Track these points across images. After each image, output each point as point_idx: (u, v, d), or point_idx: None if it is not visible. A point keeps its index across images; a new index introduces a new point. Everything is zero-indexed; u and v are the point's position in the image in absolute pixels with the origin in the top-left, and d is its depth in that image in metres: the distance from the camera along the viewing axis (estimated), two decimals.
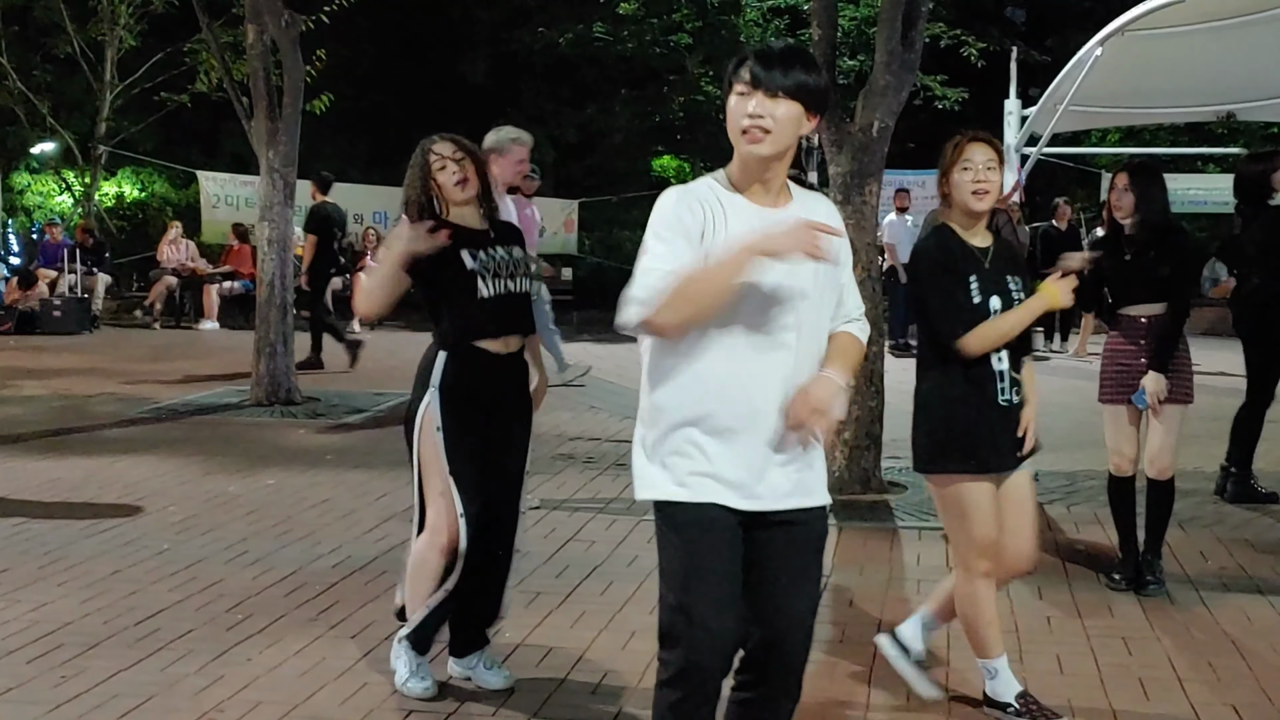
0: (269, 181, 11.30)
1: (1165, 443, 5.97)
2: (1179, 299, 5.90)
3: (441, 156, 4.68)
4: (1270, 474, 8.16)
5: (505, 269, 4.68)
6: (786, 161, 3.33)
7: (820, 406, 3.22)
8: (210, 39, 12.43)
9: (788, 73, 3.21)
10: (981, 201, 4.44)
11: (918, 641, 4.75)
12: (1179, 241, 5.97)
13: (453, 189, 4.68)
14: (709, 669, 3.23)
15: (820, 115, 3.33)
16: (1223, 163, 21.63)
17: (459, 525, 4.58)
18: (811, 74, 3.25)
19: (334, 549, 6.66)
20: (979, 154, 4.44)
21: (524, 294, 4.73)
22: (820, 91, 3.28)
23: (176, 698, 4.66)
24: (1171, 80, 11.54)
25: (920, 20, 8.04)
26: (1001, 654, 4.60)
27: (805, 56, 3.31)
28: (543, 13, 23.60)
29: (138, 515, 7.33)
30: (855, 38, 22.26)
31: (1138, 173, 6.04)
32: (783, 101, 3.21)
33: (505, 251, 4.71)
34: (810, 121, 3.28)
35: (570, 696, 4.74)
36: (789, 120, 3.23)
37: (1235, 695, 4.76)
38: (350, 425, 10.48)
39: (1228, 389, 8.12)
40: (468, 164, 4.70)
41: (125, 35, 21.66)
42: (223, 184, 21.50)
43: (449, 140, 4.74)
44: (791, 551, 3.33)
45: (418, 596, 4.71)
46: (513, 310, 4.70)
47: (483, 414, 4.64)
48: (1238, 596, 5.96)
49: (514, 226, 4.94)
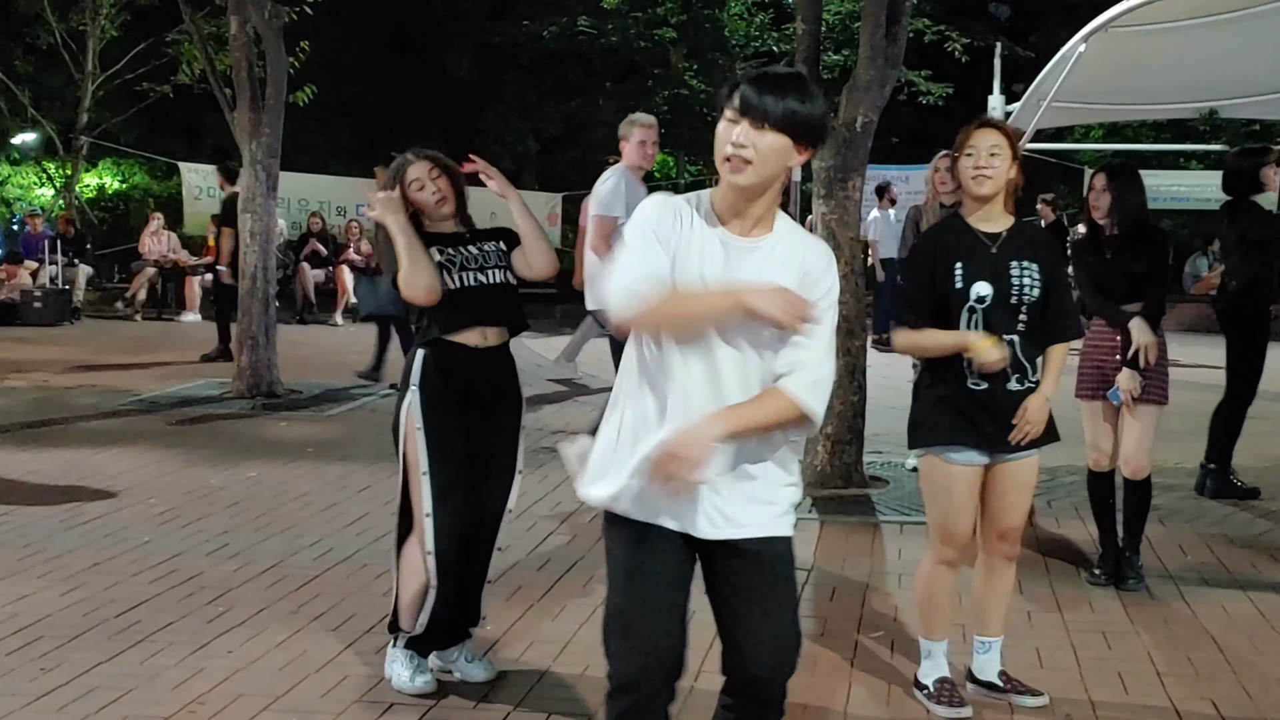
0: (252, 173, 11.27)
1: (1140, 443, 5.98)
2: (1155, 298, 5.94)
3: (419, 179, 4.68)
4: (1251, 470, 8.19)
5: (475, 262, 4.66)
6: (772, 194, 3.19)
7: (675, 453, 3.03)
8: (193, 30, 12.36)
9: (779, 100, 3.06)
10: (981, 186, 4.47)
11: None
12: (1156, 241, 6.05)
13: (433, 207, 4.69)
14: (645, 681, 3.18)
15: (814, 148, 3.18)
16: (1205, 159, 21.71)
17: (425, 525, 4.56)
18: (805, 103, 3.09)
19: (315, 541, 6.65)
20: (983, 140, 4.48)
21: (499, 285, 4.68)
22: (812, 123, 3.12)
23: (157, 690, 4.65)
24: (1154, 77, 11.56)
25: (904, 15, 8.04)
26: (942, 639, 4.68)
27: (801, 84, 3.14)
28: (526, 5, 23.56)
29: (118, 507, 7.31)
30: (840, 32, 22.26)
31: (1115, 174, 6.10)
32: (769, 133, 3.07)
33: (477, 247, 4.70)
34: (801, 154, 3.13)
35: (551, 689, 4.74)
36: (773, 152, 3.09)
37: (1214, 689, 4.79)
38: (333, 418, 10.46)
39: (1209, 384, 8.15)
40: (443, 181, 4.71)
41: (107, 26, 21.56)
42: (205, 175, 21.41)
43: (426, 159, 4.73)
44: (753, 581, 3.22)
45: (411, 602, 4.68)
46: (485, 301, 4.65)
47: (464, 411, 4.61)
48: (1217, 591, 5.99)
49: (498, 228, 4.87)
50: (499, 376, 4.70)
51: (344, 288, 18.86)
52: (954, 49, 22.91)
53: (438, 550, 4.55)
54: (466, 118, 24.75)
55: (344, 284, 18.86)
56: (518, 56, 24.16)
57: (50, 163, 22.96)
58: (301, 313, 18.78)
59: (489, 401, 4.67)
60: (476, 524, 4.66)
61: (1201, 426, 8.07)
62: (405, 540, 4.72)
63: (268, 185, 11.31)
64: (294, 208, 20.50)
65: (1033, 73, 16.10)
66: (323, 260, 19.32)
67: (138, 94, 21.84)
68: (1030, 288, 4.44)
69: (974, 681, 4.73)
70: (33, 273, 18.64)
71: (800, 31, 8.13)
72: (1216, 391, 8.11)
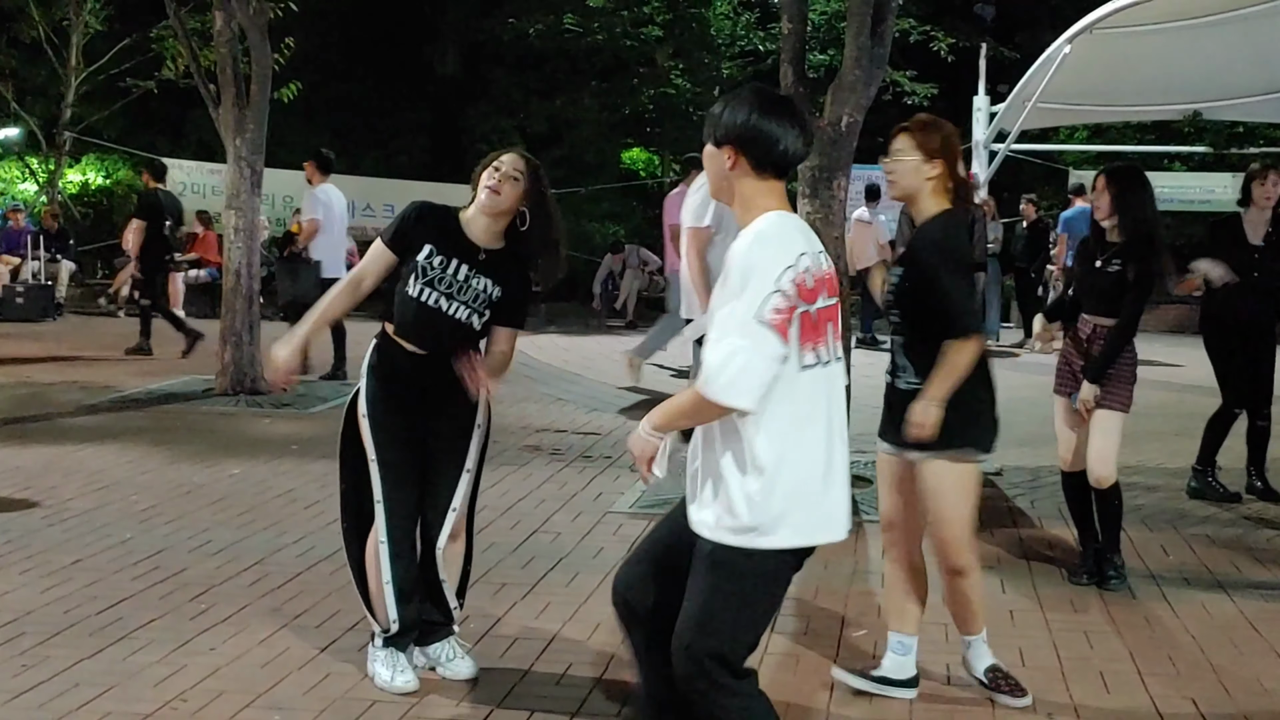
0: (236, 170, 11.23)
1: (1101, 452, 5.95)
2: (1128, 317, 5.92)
3: (498, 163, 4.56)
4: (1234, 471, 8.22)
5: (449, 288, 4.54)
6: (736, 201, 3.41)
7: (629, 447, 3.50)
8: (177, 25, 12.31)
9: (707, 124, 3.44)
10: (890, 190, 4.66)
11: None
12: (1145, 257, 5.91)
13: (485, 194, 4.54)
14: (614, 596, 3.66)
15: (728, 143, 3.36)
16: (1188, 161, 21.78)
17: (378, 511, 4.60)
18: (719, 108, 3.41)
19: (298, 539, 6.64)
20: (893, 145, 4.59)
21: (457, 322, 4.55)
22: (709, 120, 3.41)
23: (138, 687, 4.64)
24: (1138, 79, 11.65)
25: (890, 15, 8.05)
26: (894, 629, 4.75)
27: (723, 97, 3.49)
28: (513, 3, 23.54)
29: (101, 504, 7.28)
30: (825, 32, 22.28)
31: (1114, 176, 6.07)
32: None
33: (466, 277, 4.55)
34: (723, 153, 3.38)
35: (535, 686, 4.74)
36: (707, 167, 3.47)
37: (1194, 689, 4.81)
38: (316, 415, 10.44)
39: (1190, 385, 8.17)
40: (509, 185, 4.54)
41: (91, 20, 21.47)
42: (189, 171, 21.37)
43: (520, 156, 4.62)
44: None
45: (378, 597, 4.67)
46: (433, 327, 4.56)
47: (405, 405, 4.64)
48: (1198, 592, 6.01)
49: (515, 272, 4.68)
50: (437, 380, 4.59)
51: None
52: (939, 49, 22.96)
53: (390, 540, 4.59)
54: (452, 115, 24.71)
55: None
56: (503, 54, 24.13)
57: (33, 158, 22.87)
58: (285, 310, 18.71)
59: (433, 399, 4.63)
60: (423, 518, 4.70)
61: (1185, 427, 8.11)
62: (363, 537, 4.73)
63: (252, 182, 11.27)
64: (279, 204, 20.43)
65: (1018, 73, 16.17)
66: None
67: (122, 89, 21.75)
68: (890, 291, 4.60)
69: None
70: (15, 268, 18.57)
71: (786, 31, 8.13)
72: (1197, 392, 8.13)
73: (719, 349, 3.22)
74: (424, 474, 4.69)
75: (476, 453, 4.74)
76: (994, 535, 6.92)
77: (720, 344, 3.22)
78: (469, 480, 4.73)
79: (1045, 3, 23.98)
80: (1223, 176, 19.68)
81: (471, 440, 4.71)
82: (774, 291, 3.21)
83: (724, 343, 3.22)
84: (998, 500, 7.69)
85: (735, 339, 3.20)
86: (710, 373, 3.21)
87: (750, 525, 3.30)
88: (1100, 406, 5.92)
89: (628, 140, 26.28)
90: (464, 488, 4.71)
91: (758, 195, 3.38)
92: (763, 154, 3.34)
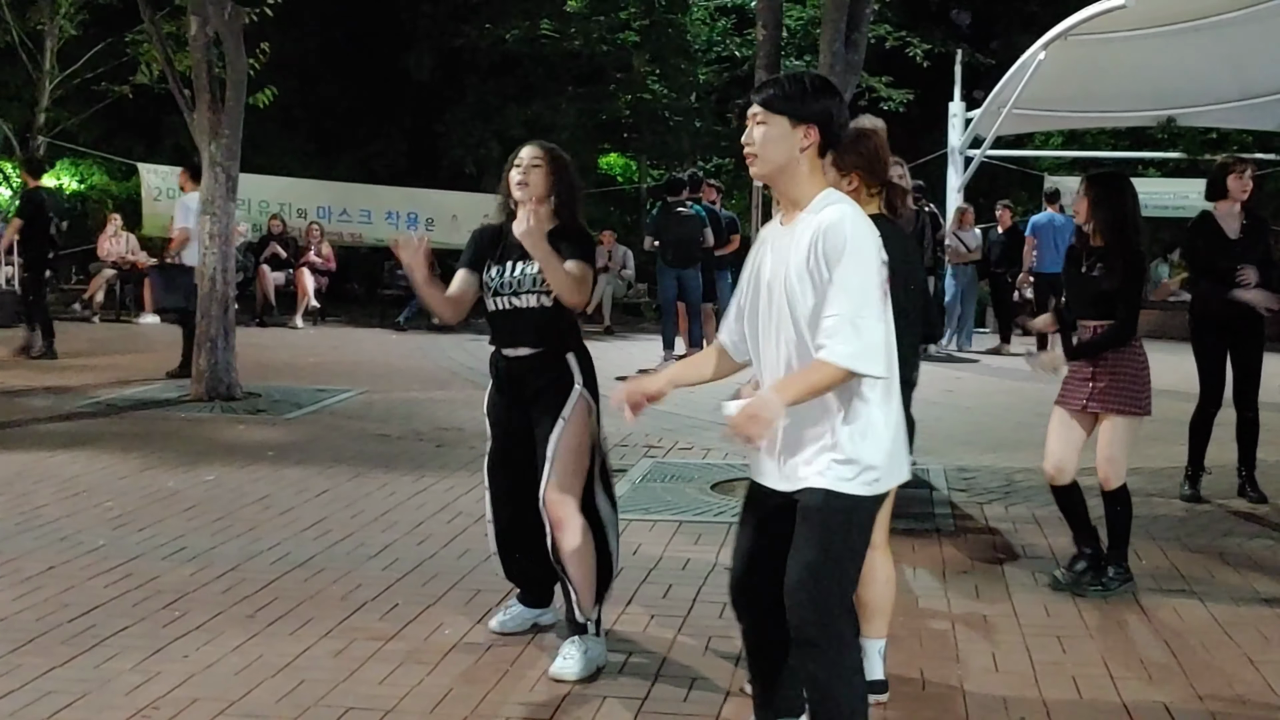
0: (211, 175, 11.19)
1: (1109, 453, 5.98)
2: (1123, 316, 5.94)
3: (518, 159, 5.02)
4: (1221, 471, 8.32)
5: (509, 288, 4.98)
6: (794, 178, 3.63)
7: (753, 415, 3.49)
8: (152, 30, 12.27)
9: (759, 92, 3.63)
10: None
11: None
12: (1128, 257, 5.97)
13: (514, 187, 4.99)
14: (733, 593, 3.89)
15: (813, 123, 3.59)
16: (1163, 167, 21.90)
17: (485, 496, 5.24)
18: (780, 87, 3.62)
19: (273, 545, 6.62)
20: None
21: (527, 309, 4.98)
22: (790, 97, 3.59)
23: (110, 695, 4.62)
24: (1113, 85, 11.71)
25: (864, 22, 8.08)
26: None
27: (788, 79, 3.67)
28: (489, 8, 23.51)
29: (74, 510, 7.25)
30: (801, 38, 22.31)
31: (1094, 182, 6.11)
32: (757, 125, 3.61)
33: (524, 265, 4.95)
34: (800, 130, 3.58)
35: None
36: (768, 140, 3.60)
37: (1166, 692, 4.83)
38: (291, 421, 10.41)
39: (1165, 390, 8.22)
40: (533, 173, 4.97)
41: (65, 25, 21.34)
42: (164, 176, 21.24)
43: (536, 145, 5.09)
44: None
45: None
46: (510, 326, 5.03)
47: (505, 405, 5.11)
48: (1170, 596, 6.03)
49: (571, 238, 5.00)
50: (535, 378, 5.00)
51: (304, 290, 18.81)
52: (915, 55, 23.02)
53: (494, 518, 5.20)
54: (428, 120, 24.68)
55: (304, 286, 18.81)
56: (479, 59, 24.10)
57: (7, 163, 22.75)
58: (261, 315, 18.71)
59: (528, 399, 5.02)
60: (522, 506, 5.06)
61: (1162, 432, 8.15)
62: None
63: (227, 187, 11.24)
64: (254, 209, 20.37)
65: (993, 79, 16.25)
66: (283, 263, 19.25)
67: (96, 94, 21.62)
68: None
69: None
70: None
71: (761, 37, 8.17)
72: (1174, 397, 8.18)
73: (850, 321, 3.45)
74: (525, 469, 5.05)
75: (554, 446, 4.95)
76: (967, 540, 6.94)
77: (848, 316, 3.45)
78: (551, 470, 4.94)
79: (1021, 9, 24.11)
80: (1197, 183, 19.64)
81: (552, 436, 4.95)
82: (882, 261, 3.55)
83: (853, 315, 3.45)
84: (971, 505, 7.72)
85: (861, 309, 3.45)
86: (846, 345, 3.44)
87: (868, 467, 3.57)
88: (1116, 413, 5.94)
89: (605, 145, 26.28)
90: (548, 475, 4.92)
91: (816, 172, 3.67)
92: (834, 136, 3.66)
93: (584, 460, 4.98)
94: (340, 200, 21.52)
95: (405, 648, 5.16)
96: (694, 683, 4.83)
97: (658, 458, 9.02)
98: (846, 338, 3.43)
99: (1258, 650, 5.31)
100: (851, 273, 3.46)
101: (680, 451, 9.30)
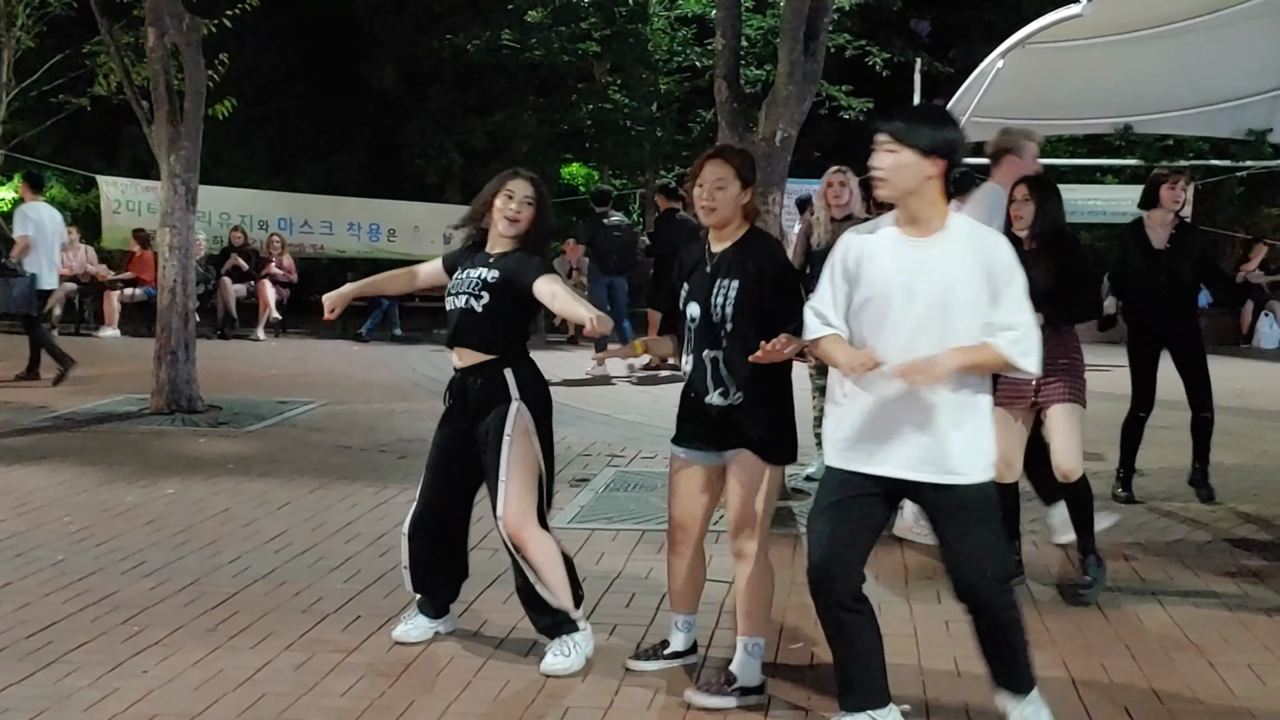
0: (170, 187, 11.13)
1: (1063, 446, 6.07)
2: (1061, 304, 5.99)
3: (513, 194, 5.07)
4: (1149, 474, 8.39)
5: (460, 286, 5.08)
6: (921, 200, 4.08)
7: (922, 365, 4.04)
8: (110, 41, 12.21)
9: (887, 122, 4.08)
10: (708, 218, 4.71)
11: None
12: (1066, 250, 6.11)
13: (505, 223, 5.06)
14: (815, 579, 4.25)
15: (940, 156, 4.04)
16: (1120, 174, 22.05)
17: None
18: (908, 119, 4.10)
19: (234, 559, 6.58)
20: (710, 173, 4.69)
21: (464, 310, 5.05)
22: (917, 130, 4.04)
23: (69, 711, 4.58)
24: (1071, 93, 11.77)
25: (822, 31, 8.12)
26: (674, 610, 5.11)
27: (913, 111, 4.32)
28: (450, 19, 23.48)
29: (31, 526, 7.19)
30: (761, 48, 22.37)
31: (1037, 185, 6.22)
32: (886, 153, 4.05)
33: (477, 270, 5.07)
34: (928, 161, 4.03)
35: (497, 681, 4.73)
36: (897, 168, 4.04)
37: (1126, 696, 4.86)
38: (252, 434, 10.35)
39: (1125, 395, 8.29)
40: (527, 211, 5.07)
41: (22, 36, 21.18)
42: (124, 189, 21.12)
43: (529, 182, 5.11)
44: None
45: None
46: (454, 325, 5.11)
47: (450, 418, 5.22)
48: (1130, 599, 6.08)
49: (525, 251, 5.10)
50: (476, 393, 5.07)
51: (266, 302, 18.72)
52: (875, 64, 23.13)
53: (409, 529, 5.33)
54: (390, 131, 24.61)
55: (266, 298, 18.72)
56: (441, 70, 24.07)
57: None
58: (222, 327, 18.62)
59: (471, 414, 5.11)
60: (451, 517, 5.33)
61: (1113, 436, 8.25)
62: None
63: (187, 199, 11.17)
64: (215, 221, 20.26)
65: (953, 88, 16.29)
66: (244, 275, 19.16)
67: (54, 106, 21.48)
68: (725, 305, 4.62)
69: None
70: None
71: (720, 47, 8.19)
72: (1123, 401, 8.26)
73: (1029, 325, 4.09)
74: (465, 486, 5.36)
75: (505, 465, 5.04)
76: (929, 546, 6.96)
77: (1027, 321, 4.08)
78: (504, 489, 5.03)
79: (979, 18, 24.23)
80: None
81: (501, 452, 5.03)
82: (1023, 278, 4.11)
83: (1028, 320, 4.09)
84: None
85: (1029, 316, 4.09)
86: (1024, 342, 4.07)
87: (994, 459, 4.24)
88: (1058, 401, 6.04)
89: (567, 155, 26.29)
90: (501, 495, 5.02)
91: (941, 199, 4.12)
92: (956, 166, 4.08)
93: (533, 474, 5.04)
94: (301, 211, 21.44)
95: (367, 660, 5.14)
96: (657, 692, 4.84)
97: (620, 467, 9.02)
98: (1034, 343, 4.08)
99: (1217, 652, 5.35)
100: (1022, 287, 4.07)
101: (643, 460, 9.30)
